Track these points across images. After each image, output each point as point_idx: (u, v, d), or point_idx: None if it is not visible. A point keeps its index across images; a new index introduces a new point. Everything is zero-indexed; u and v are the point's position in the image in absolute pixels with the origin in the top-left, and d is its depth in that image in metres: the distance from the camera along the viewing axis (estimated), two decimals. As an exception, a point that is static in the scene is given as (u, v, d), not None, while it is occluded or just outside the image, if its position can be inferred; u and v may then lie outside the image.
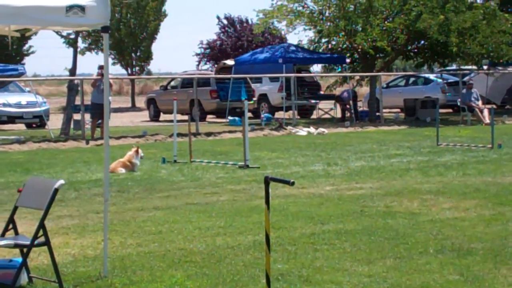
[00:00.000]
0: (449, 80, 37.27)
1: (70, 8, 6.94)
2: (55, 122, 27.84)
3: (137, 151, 16.02)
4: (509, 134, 23.22)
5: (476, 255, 8.05)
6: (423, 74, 39.88)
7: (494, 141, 19.17)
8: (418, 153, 18.36)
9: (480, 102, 30.51)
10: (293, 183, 6.38)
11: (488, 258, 7.92)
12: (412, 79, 38.64)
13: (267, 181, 6.55)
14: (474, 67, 35.54)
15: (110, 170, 14.04)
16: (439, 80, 36.72)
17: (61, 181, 6.88)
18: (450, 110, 37.39)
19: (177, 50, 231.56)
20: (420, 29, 29.51)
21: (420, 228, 9.44)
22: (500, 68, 37.59)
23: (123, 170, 15.59)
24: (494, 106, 30.92)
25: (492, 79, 37.18)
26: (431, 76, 38.11)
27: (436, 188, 12.62)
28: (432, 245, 8.51)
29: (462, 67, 36.86)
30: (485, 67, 35.49)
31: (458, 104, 31.44)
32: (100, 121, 23.71)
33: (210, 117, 34.18)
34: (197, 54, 58.45)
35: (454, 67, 39.47)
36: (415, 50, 33.97)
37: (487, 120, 27.71)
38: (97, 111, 23.17)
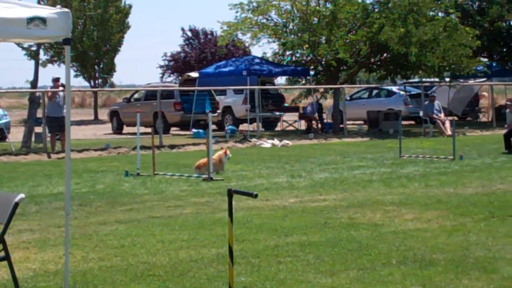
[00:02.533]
0: (412, 92, 37.58)
1: (31, 20, 6.87)
2: (16, 135, 27.60)
3: (225, 152, 17.34)
4: (470, 146, 23.44)
5: (438, 266, 8.10)
6: (386, 87, 40.14)
7: (456, 153, 19.34)
8: (381, 165, 18.45)
9: (442, 114, 30.79)
10: (256, 196, 6.38)
11: (450, 269, 7.97)
12: (375, 92, 38.90)
13: (230, 193, 6.55)
14: (436, 79, 35.87)
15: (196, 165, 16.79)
16: (402, 93, 36.99)
17: (22, 195, 6.81)
18: (413, 122, 37.67)
19: (140, 62, 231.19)
20: (382, 42, 29.74)
21: (383, 240, 9.48)
22: (461, 80, 37.99)
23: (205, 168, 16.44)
24: (456, 118, 31.19)
25: (453, 91, 37.55)
26: (394, 89, 38.39)
27: (398, 200, 12.69)
28: (395, 256, 8.55)
29: (424, 79, 37.16)
30: (447, 79, 35.83)
31: (421, 116, 31.67)
32: (59, 134, 23.51)
33: (174, 130, 34.12)
34: (161, 66, 58.37)
35: (416, 79, 39.78)
36: (378, 63, 34.19)
37: (449, 132, 27.94)
38: (55, 124, 22.99)
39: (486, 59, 39.97)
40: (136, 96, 36.45)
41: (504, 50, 39.79)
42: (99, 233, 10.33)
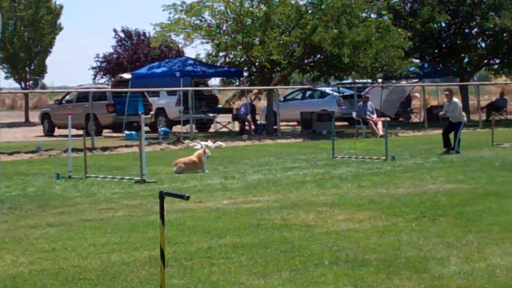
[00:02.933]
0: (345, 94, 37.90)
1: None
2: None
3: (204, 151, 17.87)
4: (402, 146, 23.73)
5: (370, 266, 8.15)
6: (319, 88, 40.43)
7: (388, 153, 19.54)
8: (314, 166, 18.54)
9: (374, 115, 31.10)
10: (188, 198, 6.35)
11: (382, 269, 8.03)
12: (308, 93, 39.14)
13: (161, 195, 6.51)
14: (369, 80, 36.24)
15: (174, 162, 17.65)
16: (335, 94, 37.28)
17: None
18: (346, 123, 37.97)
19: (72, 63, 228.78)
20: (316, 43, 29.91)
21: (316, 240, 9.51)
22: (393, 81, 38.46)
23: (182, 166, 17.44)
24: (388, 119, 31.57)
25: (386, 93, 37.99)
26: (327, 90, 38.68)
27: (331, 200, 12.76)
28: (327, 257, 8.58)
29: (357, 80, 37.52)
30: (379, 80, 36.22)
31: (354, 117, 31.97)
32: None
33: (106, 132, 33.79)
34: (93, 68, 57.77)
35: (349, 80, 40.16)
36: (312, 64, 34.39)
37: (381, 133, 28.26)
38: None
39: (418, 60, 40.57)
40: (67, 98, 36.00)
41: (436, 51, 40.42)
42: (29, 236, 10.15)
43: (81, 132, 19.95)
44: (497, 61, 41.79)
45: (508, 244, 9.06)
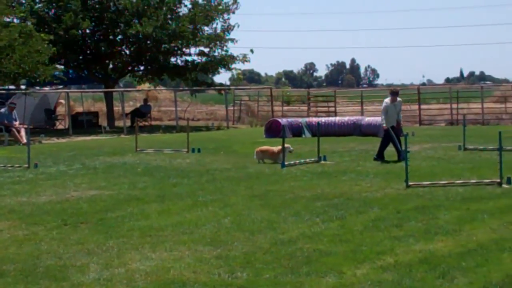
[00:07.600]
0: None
1: None
2: None
3: (283, 148, 19.09)
4: (46, 154, 23.42)
5: (7, 277, 7.94)
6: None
7: (31, 161, 19.19)
8: None
9: (17, 122, 30.34)
10: None
11: (20, 279, 7.85)
12: None
13: None
14: (12, 86, 35.37)
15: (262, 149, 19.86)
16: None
17: None
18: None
19: None
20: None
21: None
22: (38, 88, 37.91)
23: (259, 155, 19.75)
24: (31, 126, 31.01)
25: (30, 99, 37.34)
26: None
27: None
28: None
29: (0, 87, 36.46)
30: (23, 86, 35.51)
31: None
32: None
33: None
34: None
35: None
36: None
37: (24, 140, 27.69)
38: None
39: (62, 67, 40.36)
40: None
41: (80, 57, 40.47)
42: None
43: None
44: (142, 67, 42.81)
45: (148, 249, 9.27)
